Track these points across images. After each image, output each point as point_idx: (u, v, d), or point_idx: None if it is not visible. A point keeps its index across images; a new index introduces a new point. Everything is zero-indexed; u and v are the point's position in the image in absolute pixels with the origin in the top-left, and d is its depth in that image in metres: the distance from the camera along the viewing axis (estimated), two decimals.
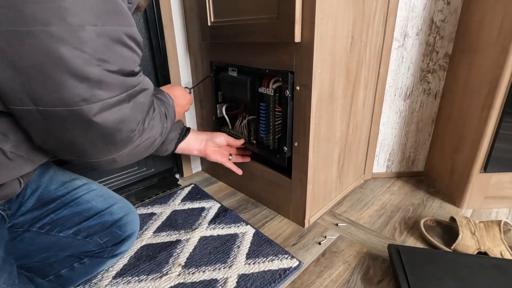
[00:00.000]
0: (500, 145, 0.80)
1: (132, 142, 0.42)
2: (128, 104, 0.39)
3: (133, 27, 0.38)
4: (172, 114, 0.59)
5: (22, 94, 0.33)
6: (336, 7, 0.66)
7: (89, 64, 0.33)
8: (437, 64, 0.94)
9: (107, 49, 0.34)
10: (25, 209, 0.57)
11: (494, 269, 0.63)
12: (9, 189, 0.45)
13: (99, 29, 0.33)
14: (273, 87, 0.77)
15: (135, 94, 0.40)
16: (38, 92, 0.33)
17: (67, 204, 0.61)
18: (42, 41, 0.30)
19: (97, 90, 0.35)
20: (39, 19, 0.29)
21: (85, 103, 0.34)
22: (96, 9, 0.33)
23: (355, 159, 0.98)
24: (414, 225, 0.84)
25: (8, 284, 0.46)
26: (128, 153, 0.43)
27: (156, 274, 0.68)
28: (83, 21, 0.32)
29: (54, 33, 0.30)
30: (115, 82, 0.36)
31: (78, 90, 0.33)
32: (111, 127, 0.37)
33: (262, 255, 0.73)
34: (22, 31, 0.29)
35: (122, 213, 0.66)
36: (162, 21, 0.93)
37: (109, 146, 0.40)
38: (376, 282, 0.66)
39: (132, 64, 0.39)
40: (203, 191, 1.02)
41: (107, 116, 0.36)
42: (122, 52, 0.37)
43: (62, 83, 0.32)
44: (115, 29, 0.35)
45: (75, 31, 0.31)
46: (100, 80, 0.34)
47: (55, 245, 0.60)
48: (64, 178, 0.64)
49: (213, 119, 1.00)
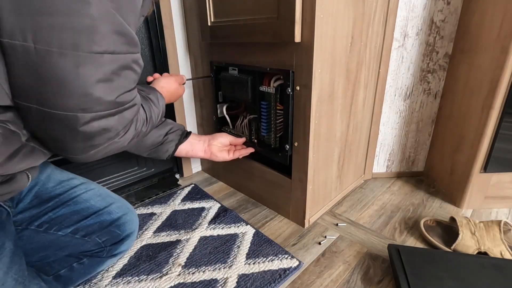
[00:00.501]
0: (500, 145, 0.80)
1: (105, 146, 0.47)
2: (113, 117, 0.44)
3: (139, 53, 0.45)
4: (156, 118, 0.61)
5: (32, 95, 0.38)
6: (336, 7, 0.66)
7: (97, 84, 0.40)
8: (437, 64, 0.94)
9: (115, 73, 0.41)
10: (22, 206, 0.58)
11: (494, 269, 0.63)
12: (19, 183, 0.47)
13: (114, 56, 0.40)
14: (274, 86, 0.77)
15: (123, 110, 0.46)
16: (48, 97, 0.38)
17: (65, 202, 0.61)
18: (69, 61, 0.37)
19: (96, 105, 0.41)
20: (71, 45, 0.36)
21: (82, 111, 0.40)
22: (116, 41, 0.40)
23: (355, 159, 0.98)
24: (414, 225, 0.84)
25: (19, 275, 0.48)
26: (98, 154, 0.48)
27: (156, 274, 0.68)
28: (104, 50, 0.39)
29: (80, 57, 0.37)
30: (112, 100, 0.43)
31: (81, 102, 0.39)
32: (94, 132, 0.43)
33: (262, 255, 0.73)
34: (54, 51, 0.36)
35: (121, 212, 0.66)
36: (162, 21, 0.93)
37: (86, 148, 0.45)
38: (376, 282, 0.66)
39: (133, 84, 0.46)
40: (203, 191, 1.02)
41: (94, 124, 0.42)
42: (127, 75, 0.44)
43: (72, 94, 0.38)
44: (126, 57, 0.42)
45: (96, 58, 0.38)
46: (99, 97, 0.41)
47: (54, 244, 0.60)
48: (62, 177, 0.64)
49: (213, 119, 1.00)
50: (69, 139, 0.43)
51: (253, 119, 0.88)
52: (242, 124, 0.93)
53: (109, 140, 0.46)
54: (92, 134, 0.43)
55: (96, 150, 0.47)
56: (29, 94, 0.38)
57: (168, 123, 0.80)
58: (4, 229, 0.49)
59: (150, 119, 0.58)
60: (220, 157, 0.87)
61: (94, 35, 0.37)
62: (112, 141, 0.47)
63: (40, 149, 0.46)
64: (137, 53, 0.45)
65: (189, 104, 1.10)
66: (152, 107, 0.60)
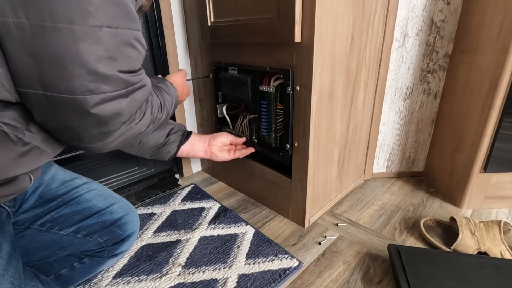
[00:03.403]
0: (500, 145, 0.80)
1: (120, 131, 0.45)
2: (125, 99, 0.42)
3: (140, 31, 0.43)
4: (170, 105, 0.60)
5: (35, 79, 0.36)
6: (336, 7, 0.66)
7: (100, 61, 0.37)
8: (437, 64, 0.94)
9: (117, 49, 0.39)
10: (27, 207, 0.58)
11: (494, 269, 0.63)
12: (20, 184, 0.46)
13: (113, 31, 0.38)
14: (274, 85, 0.77)
15: (134, 90, 0.44)
16: (50, 79, 0.36)
17: (68, 202, 0.61)
18: (64, 36, 0.34)
19: (102, 84, 0.38)
20: (65, 17, 0.34)
21: (89, 93, 0.38)
22: (113, 14, 0.37)
23: (355, 159, 0.98)
24: (414, 225, 0.84)
25: (15, 278, 0.47)
26: (115, 141, 0.47)
27: (156, 274, 0.68)
28: (102, 23, 0.36)
29: (76, 31, 0.34)
30: (119, 78, 0.40)
31: (86, 82, 0.37)
32: (106, 117, 0.41)
33: (262, 255, 0.73)
34: (48, 26, 0.33)
35: (122, 212, 0.66)
36: (162, 21, 0.93)
37: (101, 134, 0.44)
38: (376, 282, 0.66)
39: (137, 64, 0.44)
40: (203, 191, 1.02)
41: (105, 107, 0.40)
42: (129, 53, 0.41)
43: (74, 75, 0.36)
44: (125, 32, 0.39)
45: (94, 31, 0.36)
46: (107, 76, 0.38)
47: (55, 243, 0.60)
48: (65, 177, 0.64)
49: (213, 119, 1.00)
50: (82, 126, 0.41)
51: (253, 119, 0.88)
52: (242, 124, 0.93)
53: (124, 124, 0.45)
54: (105, 119, 0.41)
55: (112, 137, 0.45)
56: (32, 79, 0.36)
57: (169, 123, 0.80)
58: (2, 230, 0.49)
59: (165, 106, 0.57)
60: (220, 157, 0.87)
61: (87, 5, 0.35)
62: (128, 126, 0.45)
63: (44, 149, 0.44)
64: (138, 31, 0.42)
65: (189, 104, 1.10)
66: (164, 94, 0.59)
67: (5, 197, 0.45)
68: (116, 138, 0.46)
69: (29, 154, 0.42)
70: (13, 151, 0.40)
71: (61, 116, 0.40)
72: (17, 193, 0.48)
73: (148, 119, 0.50)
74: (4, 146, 0.38)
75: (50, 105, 0.38)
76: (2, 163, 0.39)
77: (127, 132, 0.46)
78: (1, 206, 0.52)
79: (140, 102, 0.46)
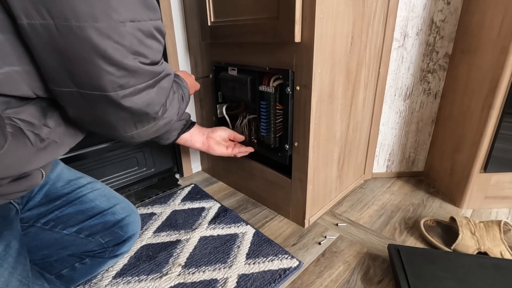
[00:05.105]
0: (500, 145, 0.80)
1: (155, 120, 0.47)
2: (153, 89, 0.43)
3: (160, 20, 0.42)
4: (187, 97, 0.61)
5: (66, 77, 0.37)
6: (336, 7, 0.66)
7: (127, 57, 0.38)
8: (437, 64, 0.94)
9: (141, 43, 0.39)
10: (32, 204, 0.58)
11: (494, 269, 0.63)
12: (33, 181, 0.46)
13: (136, 24, 0.37)
14: (273, 85, 0.77)
15: (160, 79, 0.44)
16: (81, 78, 0.37)
17: (72, 202, 0.61)
18: (90, 35, 0.34)
19: (131, 78, 0.39)
20: (89, 15, 0.33)
21: (120, 88, 0.39)
22: (134, 6, 0.37)
23: (355, 159, 0.98)
24: (414, 225, 0.84)
25: (23, 276, 0.47)
26: (148, 130, 0.48)
27: (156, 274, 0.68)
28: (124, 18, 0.36)
29: (101, 28, 0.34)
30: (145, 71, 0.41)
31: (116, 78, 0.38)
32: (139, 108, 0.42)
33: (262, 255, 0.73)
34: (73, 25, 0.33)
35: (125, 213, 0.66)
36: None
37: (136, 124, 0.45)
38: (376, 282, 0.66)
39: (159, 55, 0.44)
40: (203, 191, 1.02)
41: (136, 100, 0.41)
42: (152, 45, 0.41)
43: (104, 72, 0.37)
44: (147, 24, 0.39)
45: (118, 27, 0.35)
46: (134, 71, 0.39)
47: (58, 242, 0.60)
48: (70, 176, 0.64)
49: (213, 119, 1.00)
50: (118, 118, 0.42)
51: (252, 119, 0.88)
52: (241, 124, 0.93)
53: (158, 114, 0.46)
54: (138, 110, 0.42)
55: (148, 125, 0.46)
56: (64, 77, 0.37)
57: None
58: (11, 227, 0.49)
59: (184, 96, 0.58)
60: (217, 151, 0.85)
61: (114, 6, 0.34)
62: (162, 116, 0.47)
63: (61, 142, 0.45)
64: (158, 20, 0.42)
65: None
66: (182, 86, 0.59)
67: (16, 193, 0.45)
68: (151, 127, 0.47)
69: (47, 149, 0.43)
70: (29, 147, 0.40)
71: (97, 110, 0.41)
72: (28, 189, 0.47)
73: (176, 107, 0.51)
74: (19, 142, 0.39)
75: (85, 101, 0.39)
76: (19, 159, 0.40)
77: (161, 122, 0.48)
78: (11, 203, 0.52)
79: (167, 90, 0.47)
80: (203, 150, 0.86)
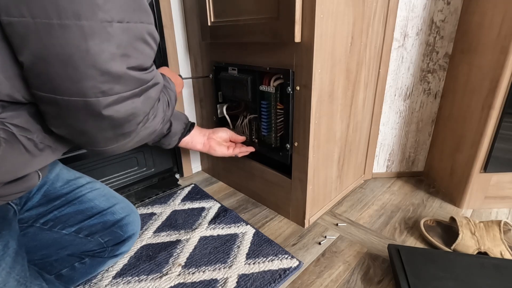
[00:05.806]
0: (500, 145, 0.80)
1: (137, 132, 0.43)
2: (139, 98, 0.40)
3: (153, 25, 0.39)
4: (174, 101, 0.58)
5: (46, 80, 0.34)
6: (336, 7, 0.66)
7: (113, 59, 0.34)
8: (437, 64, 0.94)
9: (129, 46, 0.36)
10: (31, 205, 0.58)
11: (494, 269, 0.63)
12: (29, 182, 0.46)
13: (125, 25, 0.34)
14: (274, 85, 0.77)
15: (147, 88, 0.41)
16: (60, 81, 0.33)
17: (71, 201, 0.61)
18: (73, 34, 0.31)
19: (115, 84, 0.36)
20: (72, 13, 0.31)
21: (102, 95, 0.35)
22: (124, 6, 0.34)
23: (355, 159, 0.98)
24: (414, 225, 0.84)
25: (21, 276, 0.47)
26: (130, 142, 0.45)
27: (156, 274, 0.68)
28: (112, 17, 0.33)
29: (85, 27, 0.31)
30: (132, 78, 0.38)
31: (98, 83, 0.34)
32: (122, 118, 0.39)
33: (262, 255, 0.73)
34: (55, 23, 0.30)
35: (124, 213, 0.66)
36: (162, 21, 0.93)
37: (117, 136, 0.42)
38: (376, 282, 0.66)
39: (149, 61, 0.41)
40: (203, 191, 1.02)
41: (119, 108, 0.38)
42: (142, 50, 0.38)
43: (85, 76, 0.33)
44: (138, 27, 0.36)
45: (104, 27, 0.33)
46: (119, 76, 0.36)
47: (57, 242, 0.60)
48: (69, 176, 0.64)
49: (213, 119, 1.00)
50: (97, 129, 0.39)
51: (253, 119, 0.88)
52: (242, 124, 0.93)
53: (139, 125, 0.43)
54: (120, 120, 0.39)
55: (128, 138, 0.43)
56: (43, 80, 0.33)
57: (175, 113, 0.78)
58: (10, 228, 0.49)
59: (170, 101, 0.55)
60: (218, 151, 0.85)
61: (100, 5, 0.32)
62: (143, 126, 0.43)
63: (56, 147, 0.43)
64: (151, 24, 0.39)
65: (189, 104, 1.10)
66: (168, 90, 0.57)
67: (13, 195, 0.45)
68: (131, 139, 0.44)
69: (42, 154, 0.41)
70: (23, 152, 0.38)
71: (74, 120, 0.37)
72: (26, 190, 0.47)
73: (160, 116, 0.48)
74: (14, 148, 0.37)
75: (62, 109, 0.36)
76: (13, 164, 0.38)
77: (142, 132, 0.45)
78: (9, 204, 0.52)
79: (154, 100, 0.44)
80: (204, 151, 0.86)
